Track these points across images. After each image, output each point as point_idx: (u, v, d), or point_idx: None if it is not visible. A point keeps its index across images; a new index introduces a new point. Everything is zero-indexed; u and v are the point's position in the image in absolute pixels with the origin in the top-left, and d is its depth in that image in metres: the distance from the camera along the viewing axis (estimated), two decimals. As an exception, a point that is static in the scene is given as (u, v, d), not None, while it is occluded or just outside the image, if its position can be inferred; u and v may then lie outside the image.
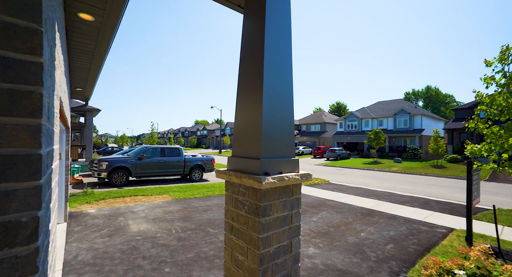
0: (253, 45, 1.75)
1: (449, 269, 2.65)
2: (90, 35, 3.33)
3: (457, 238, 4.92)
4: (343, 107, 70.98)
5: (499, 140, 4.17)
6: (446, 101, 66.46)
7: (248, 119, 1.72)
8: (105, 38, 3.37)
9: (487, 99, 4.37)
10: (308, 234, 5.09)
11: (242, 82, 1.84)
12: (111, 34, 3.21)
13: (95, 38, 3.41)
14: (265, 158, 1.62)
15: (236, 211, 1.73)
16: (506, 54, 4.11)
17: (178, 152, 12.10)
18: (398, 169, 19.19)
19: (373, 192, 9.84)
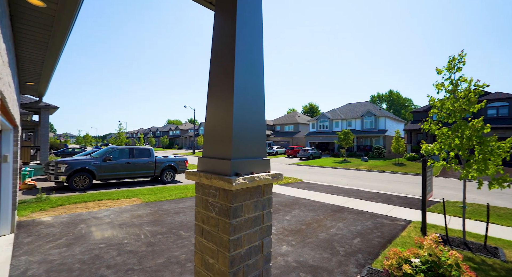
0: (224, 44, 1.72)
1: (407, 258, 2.89)
2: (42, 23, 3.00)
3: (414, 229, 5.39)
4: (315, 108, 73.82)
5: (448, 140, 4.67)
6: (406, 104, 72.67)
7: (219, 119, 1.69)
8: (60, 28, 3.06)
9: (438, 103, 4.86)
10: (282, 232, 5.18)
11: (213, 82, 1.80)
12: (68, 24, 2.92)
13: (48, 27, 3.07)
14: (236, 158, 1.61)
15: (207, 213, 1.68)
16: (453, 64, 4.61)
17: (149, 153, 11.53)
18: (365, 168, 20.48)
19: (342, 190, 10.37)
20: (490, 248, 4.39)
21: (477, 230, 5.31)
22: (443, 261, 2.61)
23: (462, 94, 4.56)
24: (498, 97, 23.27)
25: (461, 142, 4.49)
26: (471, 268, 3.59)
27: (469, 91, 4.50)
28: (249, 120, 1.70)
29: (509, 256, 4.13)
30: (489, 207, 4.90)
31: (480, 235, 4.96)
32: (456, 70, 4.61)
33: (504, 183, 4.14)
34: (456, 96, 4.65)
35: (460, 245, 4.53)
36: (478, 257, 4.06)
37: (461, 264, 2.63)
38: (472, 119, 4.50)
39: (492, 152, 4.24)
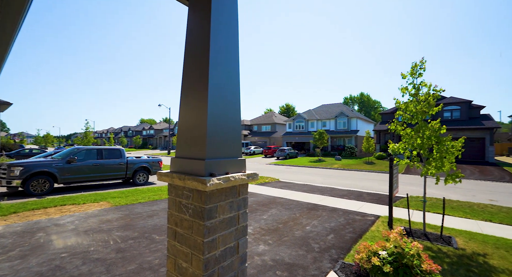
0: (199, 40, 1.68)
1: (375, 251, 3.07)
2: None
3: (382, 224, 5.75)
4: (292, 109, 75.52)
5: (411, 140, 5.06)
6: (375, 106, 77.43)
7: (193, 118, 1.64)
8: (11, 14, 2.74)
9: (403, 105, 5.24)
10: (259, 232, 5.20)
11: (187, 79, 1.74)
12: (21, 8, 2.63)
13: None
14: (211, 158, 1.57)
15: (180, 216, 1.62)
16: (415, 70, 5.01)
17: (119, 154, 10.88)
18: (338, 166, 21.41)
19: (317, 188, 10.72)
20: (445, 238, 4.85)
21: (435, 221, 5.82)
22: (407, 252, 2.82)
23: (423, 97, 4.97)
24: (452, 101, 25.81)
25: (422, 142, 4.89)
26: (430, 257, 3.93)
27: (429, 95, 4.92)
28: (224, 119, 1.67)
29: (460, 244, 4.60)
30: (445, 200, 5.39)
31: (437, 226, 5.44)
32: (418, 76, 5.01)
33: (457, 178, 4.60)
34: (418, 99, 5.05)
35: (421, 236, 4.93)
36: (435, 246, 4.46)
37: (422, 253, 2.86)
38: (431, 121, 4.93)
39: (447, 150, 4.68)
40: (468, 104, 25.42)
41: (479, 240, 4.79)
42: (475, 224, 5.86)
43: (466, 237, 4.93)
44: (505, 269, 3.69)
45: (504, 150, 32.37)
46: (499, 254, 4.18)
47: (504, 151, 32.37)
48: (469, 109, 25.54)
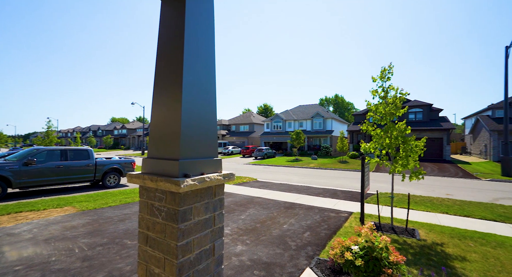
0: (172, 36, 1.61)
1: (348, 246, 3.21)
2: None
3: (355, 220, 6.04)
4: (270, 109, 76.41)
5: (381, 139, 5.38)
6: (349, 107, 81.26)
7: (166, 117, 1.57)
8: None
9: (373, 107, 5.56)
10: (236, 232, 5.17)
11: (160, 76, 1.66)
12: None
13: None
14: (185, 159, 1.52)
15: (152, 219, 1.55)
16: (384, 74, 5.33)
17: (87, 155, 10.13)
18: (314, 165, 22.09)
19: (294, 187, 10.95)
20: (410, 230, 5.23)
21: (401, 215, 6.25)
22: (376, 246, 2.98)
23: (391, 100, 5.31)
24: (415, 104, 28.00)
25: (390, 142, 5.22)
26: (396, 248, 4.21)
27: (396, 98, 5.27)
28: (200, 117, 1.62)
29: (422, 235, 4.99)
30: (409, 196, 5.81)
31: (403, 220, 5.85)
32: (387, 80, 5.35)
33: (419, 175, 5.00)
34: (387, 101, 5.39)
35: (389, 230, 5.26)
36: (401, 239, 4.79)
37: (389, 246, 3.05)
38: (398, 122, 5.29)
39: (412, 150, 5.06)
40: (429, 107, 27.74)
41: (438, 231, 5.24)
42: (435, 216, 6.40)
43: (427, 229, 5.37)
44: (458, 255, 4.09)
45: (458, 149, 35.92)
46: (454, 243, 4.62)
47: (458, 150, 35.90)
48: (429, 111, 27.90)
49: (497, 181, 13.40)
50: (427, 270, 3.54)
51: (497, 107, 25.35)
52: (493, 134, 22.95)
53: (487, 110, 27.89)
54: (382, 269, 2.82)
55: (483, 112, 29.23)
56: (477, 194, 9.93)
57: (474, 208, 7.22)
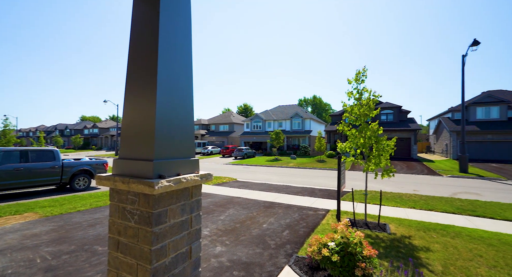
0: (146, 29, 1.53)
1: (325, 243, 3.31)
2: None
3: (332, 217, 6.26)
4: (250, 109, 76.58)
5: (356, 139, 5.63)
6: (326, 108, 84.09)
7: (139, 115, 1.49)
8: None
9: (349, 108, 5.79)
10: (216, 233, 5.10)
11: (133, 73, 1.58)
12: None
13: None
14: (160, 159, 1.45)
15: (124, 223, 1.46)
16: (359, 76, 5.58)
17: (52, 156, 9.36)
18: (293, 165, 22.53)
19: (274, 186, 11.08)
20: (381, 225, 5.54)
21: (374, 211, 6.60)
22: (351, 241, 3.11)
23: (365, 101, 5.58)
24: (387, 106, 29.77)
25: (364, 141, 5.48)
26: (369, 243, 4.44)
27: (369, 100, 5.55)
28: (175, 116, 1.57)
29: (392, 229, 5.32)
30: (381, 193, 6.15)
31: (376, 216, 6.18)
32: (361, 82, 5.61)
33: (390, 173, 5.31)
34: (361, 103, 5.65)
35: (363, 225, 5.52)
36: (374, 233, 5.05)
37: (363, 241, 3.20)
38: (371, 123, 5.57)
39: (384, 149, 5.36)
40: (399, 109, 29.64)
41: (406, 225, 5.61)
42: (403, 211, 6.85)
43: (397, 223, 5.72)
44: (423, 246, 4.41)
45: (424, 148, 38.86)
46: (419, 235, 4.98)
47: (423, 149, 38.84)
48: (399, 113, 29.81)
49: (456, 177, 14.70)
50: (396, 261, 3.77)
51: (456, 110, 27.82)
52: (453, 134, 25.15)
53: (448, 113, 30.47)
54: (356, 264, 2.95)
55: (444, 114, 31.88)
56: (439, 189, 10.80)
57: (437, 203, 7.84)
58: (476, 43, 15.08)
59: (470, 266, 3.74)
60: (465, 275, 3.48)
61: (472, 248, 4.38)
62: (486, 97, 25.71)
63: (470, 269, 3.66)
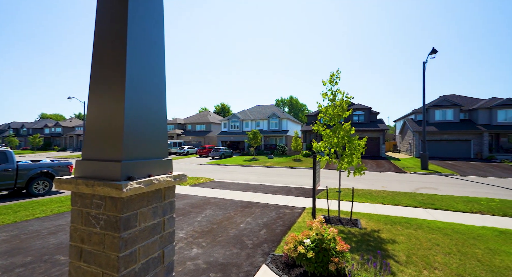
0: (113, 19, 1.42)
1: (301, 240, 3.39)
2: None
3: (307, 215, 6.43)
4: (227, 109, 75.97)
5: (330, 139, 5.84)
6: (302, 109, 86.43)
7: (106, 112, 1.39)
8: None
9: (324, 109, 6.00)
10: (192, 235, 4.97)
11: (98, 67, 1.46)
12: None
13: None
14: (129, 160, 1.36)
15: (88, 229, 1.35)
16: (333, 78, 5.81)
17: (4, 158, 8.40)
18: (271, 164, 22.80)
19: (251, 186, 11.10)
20: (353, 221, 5.83)
21: (347, 208, 6.92)
22: (325, 237, 3.22)
23: (338, 103, 5.82)
24: (358, 107, 31.47)
25: (338, 141, 5.72)
26: (342, 238, 4.64)
27: (342, 101, 5.80)
28: (146, 114, 1.48)
29: (363, 224, 5.63)
30: (353, 190, 6.47)
31: (349, 212, 6.49)
32: (335, 84, 5.84)
33: (362, 171, 5.61)
34: (335, 104, 5.89)
35: (337, 221, 5.76)
36: (346, 229, 5.30)
37: (337, 237, 3.33)
38: (344, 123, 5.83)
39: (356, 148, 5.64)
40: (369, 110, 31.47)
41: (375, 220, 5.97)
42: (373, 207, 7.28)
43: (367, 218, 6.06)
44: (390, 239, 4.73)
45: (391, 147, 41.79)
46: (387, 229, 5.33)
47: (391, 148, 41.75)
48: (370, 114, 31.67)
49: (418, 173, 16.00)
50: (366, 254, 3.98)
51: (418, 112, 30.30)
52: (415, 134, 27.36)
53: (411, 114, 33.05)
54: (330, 259, 3.06)
55: (408, 115, 34.54)
56: (404, 185, 11.67)
57: (402, 198, 8.46)
58: (434, 52, 16.54)
59: (429, 255, 4.09)
60: (425, 263, 3.80)
61: (431, 238, 4.79)
62: (442, 100, 28.36)
63: (429, 257, 4.00)
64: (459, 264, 3.81)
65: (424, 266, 3.71)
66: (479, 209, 6.97)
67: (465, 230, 5.31)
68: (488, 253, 4.20)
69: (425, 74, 17.83)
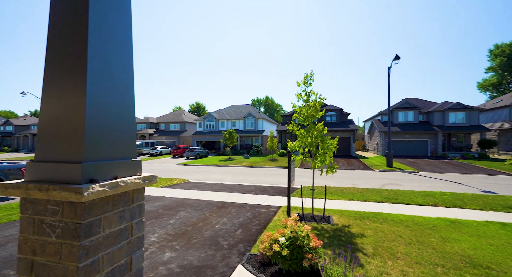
0: (72, 8, 1.29)
1: (276, 239, 3.43)
2: None
3: (283, 213, 6.54)
4: (203, 108, 74.42)
5: (304, 139, 6.01)
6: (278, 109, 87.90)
7: (64, 109, 1.25)
8: None
9: (298, 109, 6.15)
10: (165, 238, 4.76)
11: (55, 58, 1.31)
12: None
13: None
14: (91, 161, 1.25)
15: (41, 239, 1.20)
16: (307, 80, 5.98)
17: None
18: (246, 164, 22.81)
19: (227, 186, 10.99)
20: (326, 217, 6.07)
21: (320, 205, 7.18)
22: (300, 235, 3.29)
23: (312, 103, 6.01)
24: (331, 108, 32.90)
25: (311, 140, 5.90)
26: (316, 234, 4.80)
27: (316, 102, 6.00)
28: (112, 111, 1.37)
29: (335, 220, 5.88)
30: (326, 188, 6.72)
31: (322, 209, 6.74)
32: (309, 85, 6.01)
33: (334, 169, 5.86)
34: (309, 104, 6.07)
35: (311, 219, 5.95)
36: (319, 225, 5.50)
37: (310, 233, 3.43)
38: (317, 123, 6.03)
39: (328, 147, 5.87)
40: (341, 111, 33.06)
41: (346, 215, 6.28)
42: (344, 203, 7.65)
43: (338, 214, 6.35)
44: (359, 233, 5.01)
45: (360, 146, 44.43)
46: (356, 223, 5.64)
47: (360, 147, 44.39)
48: (341, 115, 33.28)
49: (384, 171, 17.21)
50: (338, 249, 4.17)
51: (384, 113, 32.61)
52: (382, 134, 29.39)
53: (378, 115, 35.43)
54: (304, 255, 3.14)
55: (376, 117, 36.99)
56: (372, 182, 12.46)
57: (370, 194, 9.02)
58: (397, 58, 17.91)
59: (393, 246, 4.41)
60: (389, 254, 4.09)
61: (394, 231, 5.17)
62: (404, 103, 30.86)
63: (393, 248, 4.31)
64: (418, 253, 4.17)
65: (389, 257, 3.99)
66: (434, 202, 7.70)
67: (423, 221, 5.82)
68: (441, 241, 4.65)
69: (390, 78, 19.22)
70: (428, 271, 3.58)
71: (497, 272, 3.59)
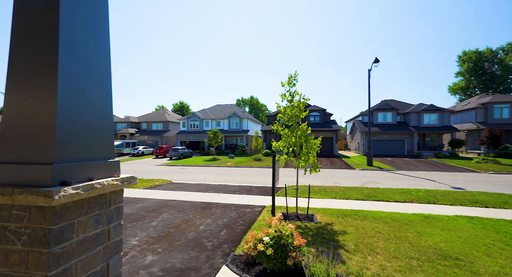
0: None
1: (260, 238, 3.43)
2: None
3: (267, 213, 6.57)
4: (187, 107, 72.97)
5: (288, 138, 6.07)
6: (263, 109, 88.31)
7: (32, 105, 1.16)
8: None
9: (283, 109, 6.20)
10: (146, 241, 4.60)
11: (21, 47, 1.21)
12: None
13: None
14: (64, 162, 1.16)
15: (4, 248, 1.10)
16: (291, 80, 6.05)
17: None
18: (231, 164, 22.68)
19: (211, 186, 10.85)
20: (310, 216, 6.18)
21: (304, 204, 7.29)
22: (284, 234, 3.32)
23: (296, 104, 6.08)
24: (314, 108, 33.61)
25: (295, 140, 5.98)
26: (300, 233, 4.87)
27: (300, 102, 6.08)
28: (87, 108, 1.28)
29: (318, 219, 6.01)
30: (310, 187, 6.84)
31: (305, 208, 6.85)
32: (293, 85, 6.08)
33: (317, 168, 5.98)
34: (293, 105, 6.14)
35: (295, 218, 6.02)
36: (303, 224, 5.58)
37: (294, 232, 3.47)
38: (301, 123, 6.12)
39: (312, 147, 5.97)
40: (324, 111, 33.87)
41: (329, 213, 6.43)
42: (327, 202, 7.83)
43: (322, 213, 6.49)
44: (341, 230, 5.15)
45: (343, 146, 45.82)
46: (339, 221, 5.79)
47: (342, 146, 45.78)
48: (324, 115, 34.10)
49: (365, 170, 17.87)
50: (321, 247, 4.25)
51: (365, 114, 33.86)
52: (363, 134, 30.50)
53: (359, 116, 36.72)
54: (288, 254, 3.17)
55: (357, 117, 38.30)
56: (353, 181, 12.88)
57: (352, 192, 9.31)
58: (377, 61, 18.67)
59: (372, 242, 4.58)
60: (369, 249, 4.24)
61: (374, 227, 5.37)
62: (383, 104, 32.25)
63: (373, 244, 4.48)
64: (395, 247, 4.36)
65: (369, 252, 4.13)
66: (410, 199, 8.11)
67: (400, 217, 6.11)
68: (416, 236, 4.91)
69: (370, 80, 19.98)
70: (404, 264, 3.76)
71: (465, 263, 3.85)
